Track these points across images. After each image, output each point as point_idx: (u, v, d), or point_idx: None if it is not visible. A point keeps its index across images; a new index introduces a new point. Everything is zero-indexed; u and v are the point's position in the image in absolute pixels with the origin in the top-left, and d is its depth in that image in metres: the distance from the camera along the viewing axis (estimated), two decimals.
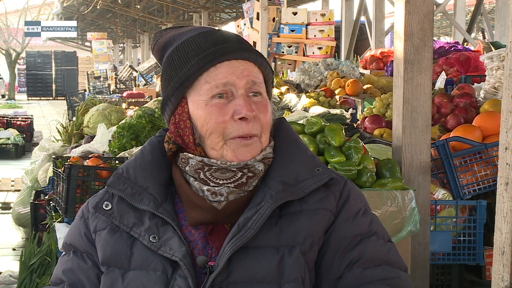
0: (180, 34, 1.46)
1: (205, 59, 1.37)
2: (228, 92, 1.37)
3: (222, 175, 1.38)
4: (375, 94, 5.52)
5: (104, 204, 1.45)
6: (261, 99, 1.40)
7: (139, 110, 4.93)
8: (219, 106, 1.36)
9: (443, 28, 25.20)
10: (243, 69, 1.38)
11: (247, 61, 1.40)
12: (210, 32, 1.43)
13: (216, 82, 1.36)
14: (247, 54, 1.40)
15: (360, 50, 10.42)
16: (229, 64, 1.38)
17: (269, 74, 1.46)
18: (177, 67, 1.41)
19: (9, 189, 8.43)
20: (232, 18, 21.10)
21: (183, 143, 1.43)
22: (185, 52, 1.40)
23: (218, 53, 1.37)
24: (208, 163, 1.38)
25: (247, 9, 10.70)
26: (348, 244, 1.38)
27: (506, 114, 1.92)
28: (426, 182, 2.86)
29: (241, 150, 1.37)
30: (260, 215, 1.34)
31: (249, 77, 1.38)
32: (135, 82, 17.90)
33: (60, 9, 25.55)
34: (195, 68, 1.38)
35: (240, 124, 1.36)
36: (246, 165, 1.37)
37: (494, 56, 4.05)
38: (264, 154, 1.40)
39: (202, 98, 1.38)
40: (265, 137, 1.41)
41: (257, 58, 1.42)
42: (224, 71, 1.37)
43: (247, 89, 1.38)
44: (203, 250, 1.38)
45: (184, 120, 1.41)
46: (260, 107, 1.39)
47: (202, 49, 1.39)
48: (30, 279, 3.93)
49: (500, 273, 1.96)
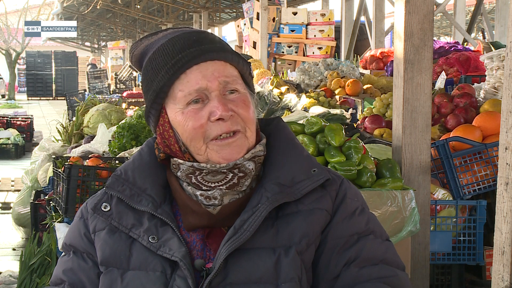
0: (152, 44, 1.45)
1: (174, 67, 1.36)
2: (202, 96, 1.36)
3: (213, 177, 1.37)
4: (375, 94, 5.52)
5: (103, 205, 1.45)
6: (238, 95, 1.39)
7: (139, 110, 4.94)
8: (194, 112, 1.36)
9: (443, 28, 25.19)
10: (213, 70, 1.36)
11: (216, 60, 1.38)
12: (178, 37, 1.41)
13: (189, 89, 1.36)
14: (215, 54, 1.38)
15: (360, 50, 10.43)
16: (199, 68, 1.36)
17: (243, 68, 1.43)
18: (151, 79, 1.41)
19: (9, 189, 8.42)
20: (232, 18, 21.10)
21: (171, 152, 1.43)
22: (156, 63, 1.39)
23: (185, 58, 1.36)
24: (199, 168, 1.38)
25: (247, 9, 10.71)
26: (345, 243, 1.38)
27: (506, 114, 1.92)
28: (426, 182, 2.86)
29: (225, 150, 1.36)
30: (256, 217, 1.34)
31: (220, 78, 1.36)
32: (135, 82, 17.93)
33: (60, 9, 25.55)
34: (165, 78, 1.37)
35: (218, 124, 1.35)
36: (235, 165, 1.37)
37: (494, 56, 4.05)
38: (253, 152, 1.39)
39: (178, 106, 1.37)
40: (251, 132, 1.40)
41: (227, 55, 1.39)
42: (195, 77, 1.36)
43: (221, 89, 1.37)
44: (202, 252, 1.38)
45: (167, 130, 1.41)
46: (239, 103, 1.38)
47: (170, 57, 1.37)
48: (30, 279, 3.93)
49: (500, 273, 1.96)
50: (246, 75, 1.45)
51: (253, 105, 1.42)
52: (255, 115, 1.43)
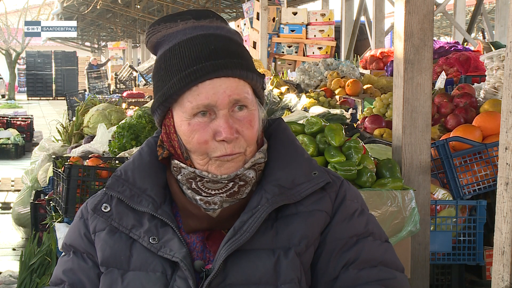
0: (170, 35, 1.41)
1: (187, 78, 1.34)
2: (210, 111, 1.35)
3: (214, 185, 1.37)
4: (375, 94, 5.52)
5: (103, 206, 1.44)
6: (247, 113, 1.37)
7: (139, 110, 4.93)
8: (201, 126, 1.35)
9: (443, 28, 25.20)
10: (226, 87, 1.34)
11: (230, 77, 1.35)
12: (197, 40, 1.37)
13: (197, 103, 1.34)
14: (230, 71, 1.34)
15: (360, 50, 10.43)
16: (211, 83, 1.33)
17: (257, 83, 1.41)
18: (162, 79, 1.39)
19: (9, 189, 8.42)
20: (232, 18, 21.10)
21: (175, 153, 1.43)
22: (170, 65, 1.37)
23: (199, 72, 1.33)
24: (200, 175, 1.37)
25: (247, 9, 10.71)
26: (344, 245, 1.38)
27: (506, 114, 1.92)
28: (426, 182, 2.86)
29: (224, 165, 1.36)
30: (256, 218, 1.33)
31: (231, 97, 1.34)
32: (135, 82, 17.93)
33: (60, 9, 25.54)
34: (177, 87, 1.35)
35: (222, 144, 1.34)
36: (236, 175, 1.37)
37: (494, 56, 4.05)
38: (253, 161, 1.39)
39: (185, 115, 1.36)
40: (250, 149, 1.39)
41: (242, 72, 1.36)
42: (206, 92, 1.33)
43: (230, 106, 1.35)
44: (202, 253, 1.38)
45: (172, 132, 1.41)
46: (244, 124, 1.36)
47: (185, 66, 1.35)
48: (30, 279, 3.93)
49: (500, 273, 1.96)
50: (258, 89, 1.42)
51: (259, 121, 1.41)
52: (259, 128, 1.41)
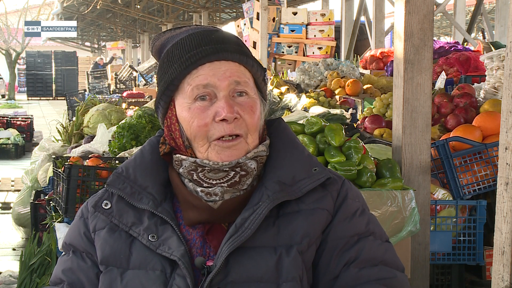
0: (173, 37, 1.46)
1: (187, 61, 1.37)
2: (210, 94, 1.37)
3: (215, 175, 1.38)
4: (375, 94, 5.52)
5: (104, 203, 1.45)
6: (247, 99, 1.39)
7: (139, 110, 4.94)
8: (201, 109, 1.36)
9: (443, 28, 25.20)
10: (225, 70, 1.37)
11: (230, 61, 1.38)
12: (198, 33, 1.42)
13: (196, 83, 1.36)
14: (229, 54, 1.38)
15: (360, 50, 10.43)
16: (211, 66, 1.37)
17: (257, 72, 1.43)
18: (164, 70, 1.42)
19: (9, 189, 8.42)
20: (232, 18, 21.10)
21: (176, 146, 1.44)
22: (172, 55, 1.41)
23: (199, 54, 1.37)
24: (201, 164, 1.38)
25: (247, 9, 10.70)
26: (345, 244, 1.38)
27: (506, 114, 1.92)
28: (426, 182, 2.87)
29: (225, 152, 1.37)
30: (257, 215, 1.34)
31: (231, 78, 1.36)
32: (135, 82, 17.93)
33: (60, 9, 25.55)
34: (177, 71, 1.38)
35: (221, 125, 1.36)
36: (238, 163, 1.37)
37: (494, 56, 4.06)
38: (256, 152, 1.40)
39: (186, 101, 1.38)
40: (252, 138, 1.40)
41: (242, 57, 1.39)
42: (205, 73, 1.36)
43: (231, 90, 1.37)
44: (201, 249, 1.38)
45: (174, 123, 1.42)
46: (245, 108, 1.38)
47: (185, 52, 1.39)
48: (30, 279, 3.93)
49: (500, 273, 1.96)
50: (259, 81, 1.44)
51: (260, 111, 1.42)
52: (261, 121, 1.42)
